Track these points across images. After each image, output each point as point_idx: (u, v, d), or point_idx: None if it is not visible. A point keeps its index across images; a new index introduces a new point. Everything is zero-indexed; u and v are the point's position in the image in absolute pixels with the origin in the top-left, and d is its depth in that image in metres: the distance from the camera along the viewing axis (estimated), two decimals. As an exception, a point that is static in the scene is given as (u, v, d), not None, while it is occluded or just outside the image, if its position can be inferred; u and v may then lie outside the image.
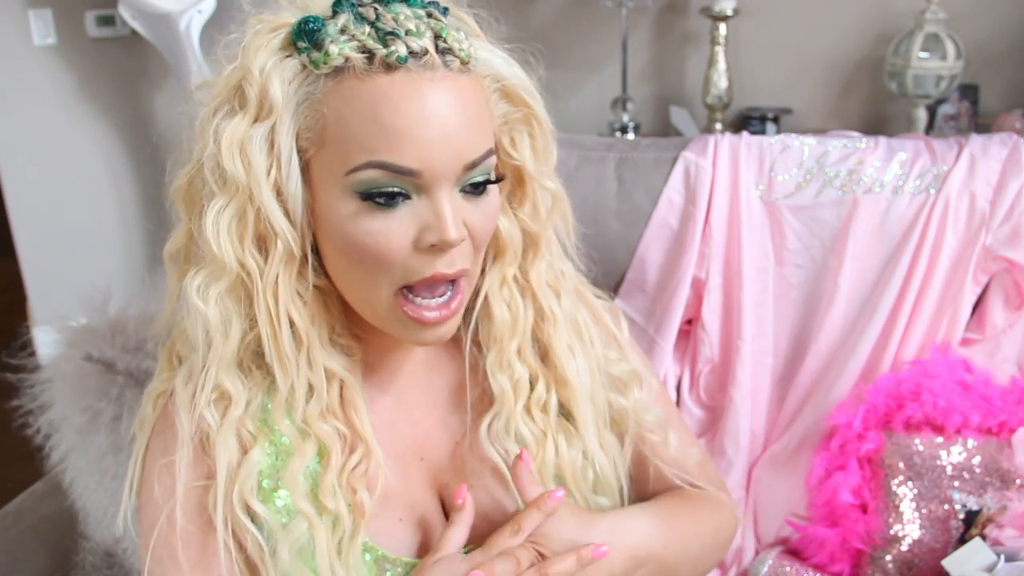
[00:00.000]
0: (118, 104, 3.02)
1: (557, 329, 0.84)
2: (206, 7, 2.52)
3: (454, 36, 0.69)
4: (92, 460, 1.04)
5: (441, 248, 0.69)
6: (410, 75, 0.67)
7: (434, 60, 0.68)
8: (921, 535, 1.23)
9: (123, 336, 1.05)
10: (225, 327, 0.74)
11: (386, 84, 0.67)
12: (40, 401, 1.05)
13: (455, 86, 0.69)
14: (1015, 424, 1.24)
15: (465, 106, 0.69)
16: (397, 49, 0.66)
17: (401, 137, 0.66)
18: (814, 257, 1.40)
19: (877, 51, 2.42)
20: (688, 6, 2.61)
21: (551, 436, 0.83)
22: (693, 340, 1.44)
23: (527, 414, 0.83)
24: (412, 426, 0.84)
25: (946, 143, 1.38)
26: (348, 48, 0.67)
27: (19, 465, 1.26)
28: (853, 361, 1.35)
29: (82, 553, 1.17)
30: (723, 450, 1.40)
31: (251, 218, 0.72)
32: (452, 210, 0.69)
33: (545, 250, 0.84)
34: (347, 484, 0.75)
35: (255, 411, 0.76)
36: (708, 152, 1.41)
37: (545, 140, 0.81)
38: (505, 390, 0.81)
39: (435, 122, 0.67)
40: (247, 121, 0.71)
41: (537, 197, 0.82)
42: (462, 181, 0.70)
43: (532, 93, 0.78)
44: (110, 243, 3.06)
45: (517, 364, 0.82)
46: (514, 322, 0.82)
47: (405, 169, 0.67)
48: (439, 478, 0.84)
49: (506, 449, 0.81)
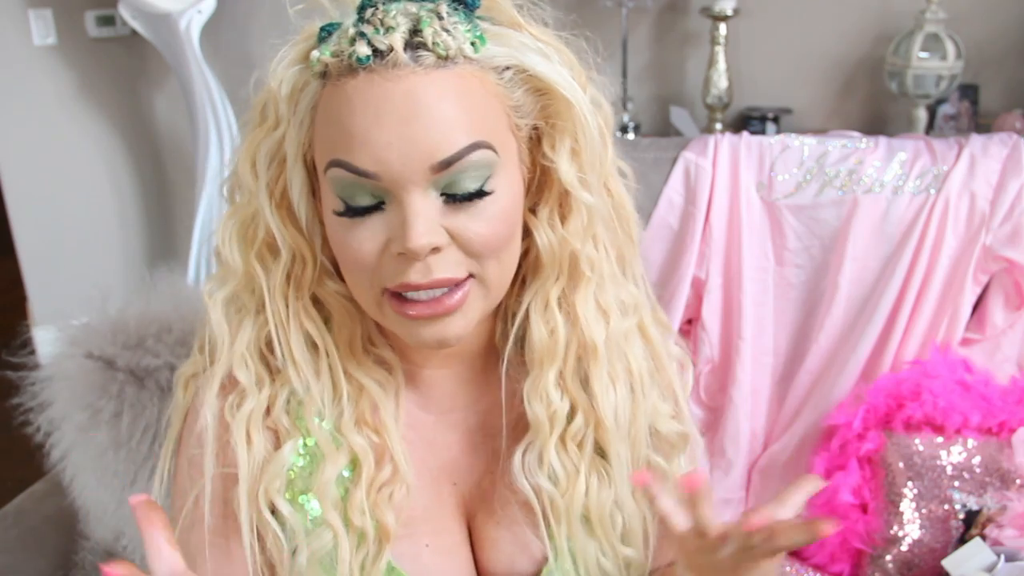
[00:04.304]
0: (118, 104, 3.02)
1: (598, 363, 0.76)
2: (206, 7, 2.52)
3: (433, 30, 0.65)
4: (92, 457, 1.04)
5: (409, 257, 0.65)
6: (371, 76, 0.64)
7: (398, 58, 0.64)
8: (921, 535, 1.23)
9: (124, 334, 1.05)
10: (233, 329, 0.74)
11: (350, 87, 0.65)
12: (40, 399, 1.05)
13: (426, 82, 0.64)
14: (1015, 424, 1.24)
15: (439, 101, 0.64)
16: (357, 50, 0.64)
17: (355, 139, 0.64)
18: (814, 257, 1.40)
19: (877, 51, 2.42)
20: (688, 6, 2.61)
21: (584, 474, 0.77)
22: (693, 340, 1.44)
23: (562, 446, 0.77)
24: (448, 448, 0.81)
25: (946, 143, 1.38)
26: (327, 54, 0.66)
27: (19, 464, 1.26)
28: (853, 361, 1.35)
29: (82, 553, 1.17)
30: (723, 450, 1.40)
31: (260, 225, 0.73)
32: (421, 217, 0.64)
33: (589, 272, 0.75)
34: (375, 502, 0.73)
35: (285, 404, 0.75)
36: (708, 152, 1.41)
37: (589, 144, 0.71)
38: (540, 419, 0.76)
39: (390, 122, 0.64)
40: (264, 131, 0.72)
41: (577, 210, 0.73)
42: (439, 184, 0.65)
43: (570, 89, 0.70)
44: (110, 243, 3.06)
45: (554, 393, 0.76)
46: (554, 347, 0.75)
47: (361, 171, 0.65)
48: (469, 507, 0.80)
49: (538, 484, 0.76)
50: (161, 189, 3.20)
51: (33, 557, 1.18)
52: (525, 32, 0.71)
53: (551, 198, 0.73)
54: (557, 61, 0.70)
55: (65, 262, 2.89)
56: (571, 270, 0.75)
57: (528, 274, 0.77)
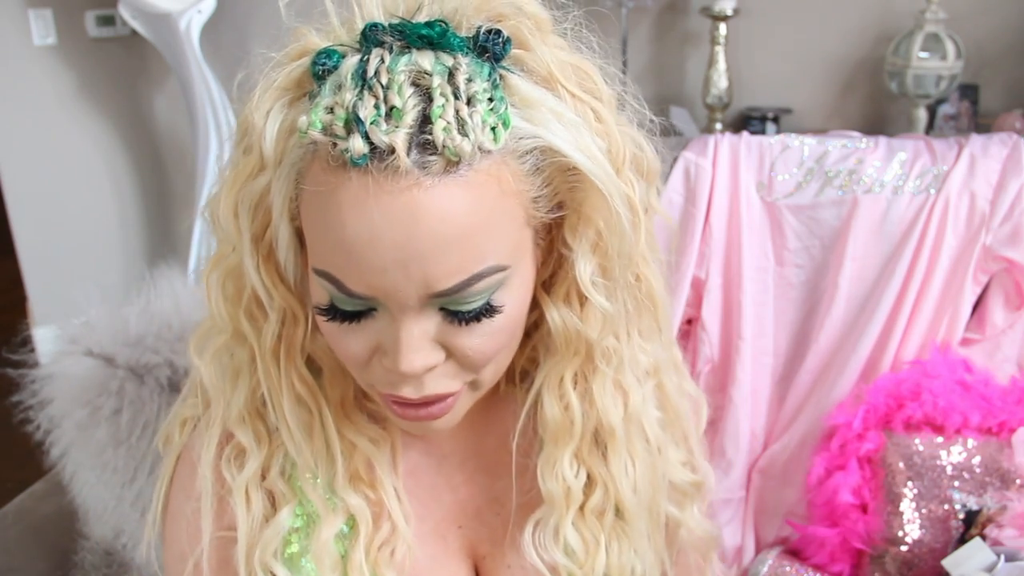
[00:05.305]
0: (118, 104, 3.02)
1: (615, 443, 0.71)
2: (206, 7, 2.52)
3: (445, 124, 0.52)
4: (92, 454, 1.04)
5: (401, 377, 0.59)
6: (366, 180, 0.52)
7: (402, 163, 0.52)
8: (921, 535, 1.23)
9: (123, 331, 1.05)
10: (225, 384, 0.68)
11: (340, 186, 0.53)
12: (40, 397, 1.05)
13: (431, 196, 0.53)
14: (1015, 424, 1.24)
15: (442, 224, 0.53)
16: (352, 147, 0.52)
17: (347, 258, 0.55)
18: (814, 257, 1.40)
19: (877, 51, 2.42)
20: (688, 6, 2.61)
21: (603, 544, 0.73)
22: (693, 340, 1.44)
23: (580, 518, 0.72)
24: (453, 491, 0.77)
25: (946, 143, 1.38)
26: (318, 127, 0.53)
27: (19, 463, 1.26)
28: (853, 361, 1.35)
29: (82, 552, 1.17)
30: (723, 450, 1.40)
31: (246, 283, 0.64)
32: (415, 340, 0.57)
33: (604, 365, 0.68)
34: (376, 561, 0.70)
35: (280, 466, 0.70)
36: (708, 152, 1.41)
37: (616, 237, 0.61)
38: (555, 496, 0.70)
39: (385, 247, 0.53)
40: (246, 172, 0.60)
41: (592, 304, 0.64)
42: (438, 303, 0.57)
43: (602, 175, 0.58)
44: (110, 243, 3.06)
45: (568, 472, 0.70)
46: (568, 426, 0.69)
47: (353, 293, 0.56)
48: (477, 548, 0.77)
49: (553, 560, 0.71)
50: (161, 189, 3.20)
51: (33, 557, 1.18)
52: (559, 88, 0.59)
53: (567, 282, 0.65)
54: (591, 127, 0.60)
55: (65, 262, 2.89)
56: (587, 355, 0.68)
57: (539, 348, 0.70)
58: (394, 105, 0.52)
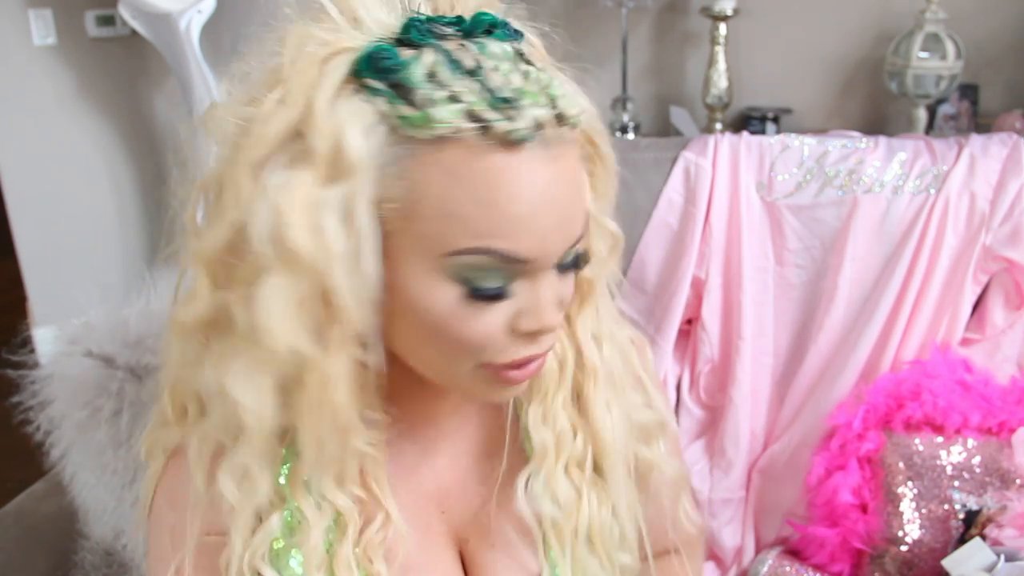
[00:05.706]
0: (118, 104, 3.02)
1: (597, 384, 0.76)
2: (206, 7, 2.52)
3: (568, 99, 0.60)
4: (92, 455, 1.04)
5: (536, 334, 0.63)
6: (530, 154, 0.57)
7: (554, 134, 0.59)
8: (921, 535, 1.23)
9: (123, 332, 1.05)
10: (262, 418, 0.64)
11: (503, 164, 0.57)
12: (40, 398, 1.05)
13: (567, 157, 0.60)
14: (1015, 424, 1.24)
15: (575, 179, 0.62)
16: (521, 127, 0.57)
17: (518, 225, 0.58)
18: (814, 257, 1.40)
19: (877, 51, 2.42)
20: (688, 6, 2.61)
21: (586, 495, 0.76)
22: (693, 340, 1.44)
23: (565, 470, 0.76)
24: (435, 476, 0.78)
25: (946, 143, 1.38)
26: (458, 116, 0.56)
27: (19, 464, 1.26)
28: (853, 361, 1.35)
29: (82, 553, 1.17)
30: (723, 450, 1.40)
31: (319, 301, 0.59)
32: (552, 294, 0.63)
33: (593, 297, 0.75)
34: (364, 554, 0.70)
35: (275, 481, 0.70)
36: (708, 152, 1.41)
37: (608, 177, 0.71)
38: (547, 445, 0.74)
39: (553, 208, 0.59)
40: (316, 181, 0.57)
41: (596, 240, 0.73)
42: (561, 260, 0.63)
43: (600, 130, 0.68)
44: (110, 243, 3.06)
45: (562, 417, 0.75)
46: (560, 372, 0.75)
47: (519, 258, 0.59)
48: (460, 532, 0.78)
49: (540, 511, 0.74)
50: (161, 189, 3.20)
51: (33, 557, 1.18)
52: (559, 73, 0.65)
53: None
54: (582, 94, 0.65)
55: (65, 262, 2.89)
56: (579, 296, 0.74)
57: None
58: (525, 91, 0.58)
